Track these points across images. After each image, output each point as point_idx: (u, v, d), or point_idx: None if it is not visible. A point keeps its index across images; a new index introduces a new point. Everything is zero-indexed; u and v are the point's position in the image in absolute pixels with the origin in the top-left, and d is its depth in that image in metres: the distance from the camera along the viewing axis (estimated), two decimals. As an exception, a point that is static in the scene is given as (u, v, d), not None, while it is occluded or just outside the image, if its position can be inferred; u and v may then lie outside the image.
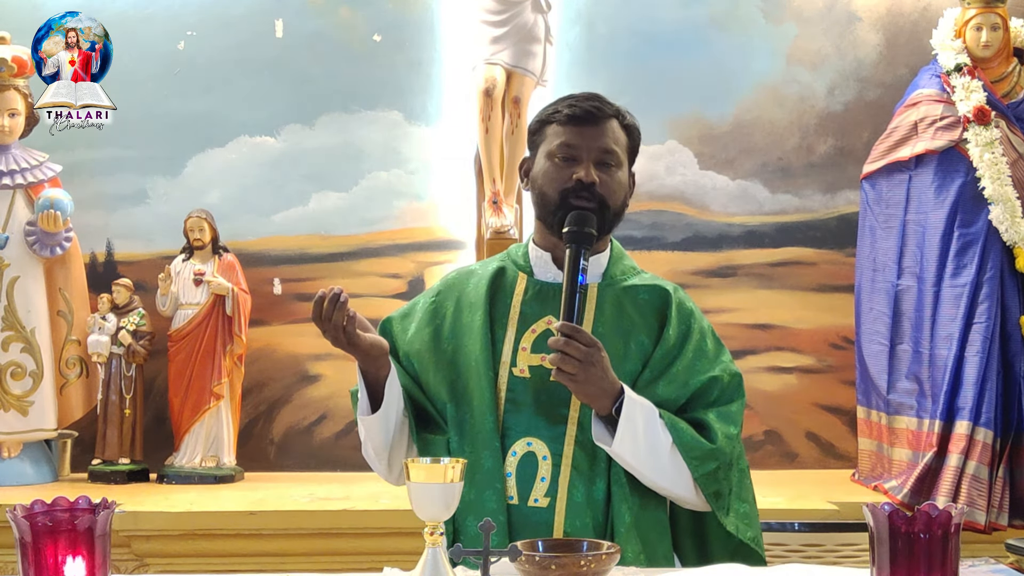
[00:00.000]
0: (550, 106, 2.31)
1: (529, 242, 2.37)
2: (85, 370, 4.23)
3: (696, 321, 2.30)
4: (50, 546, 1.59)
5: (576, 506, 2.14)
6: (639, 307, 2.28)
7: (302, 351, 4.46)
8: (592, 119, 2.23)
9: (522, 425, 2.20)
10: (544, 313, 2.26)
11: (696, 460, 2.16)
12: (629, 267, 2.36)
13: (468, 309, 2.30)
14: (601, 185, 2.21)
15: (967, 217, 3.93)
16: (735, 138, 4.54)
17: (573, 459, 2.16)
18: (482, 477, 2.16)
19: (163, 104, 4.45)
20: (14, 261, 4.11)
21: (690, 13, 4.52)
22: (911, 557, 1.65)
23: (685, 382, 2.23)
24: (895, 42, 4.55)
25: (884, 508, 1.67)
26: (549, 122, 2.27)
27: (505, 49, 4.20)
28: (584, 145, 2.22)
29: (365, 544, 3.61)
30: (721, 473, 2.20)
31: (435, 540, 1.74)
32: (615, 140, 2.25)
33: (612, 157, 2.23)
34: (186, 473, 4.13)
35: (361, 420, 2.26)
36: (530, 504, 2.15)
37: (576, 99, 2.27)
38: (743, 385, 2.31)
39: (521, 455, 2.18)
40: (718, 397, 2.25)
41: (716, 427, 2.20)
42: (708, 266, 4.52)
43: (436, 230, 4.49)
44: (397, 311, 2.43)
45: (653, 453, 2.14)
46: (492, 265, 2.36)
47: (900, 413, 4.02)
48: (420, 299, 2.41)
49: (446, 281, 2.41)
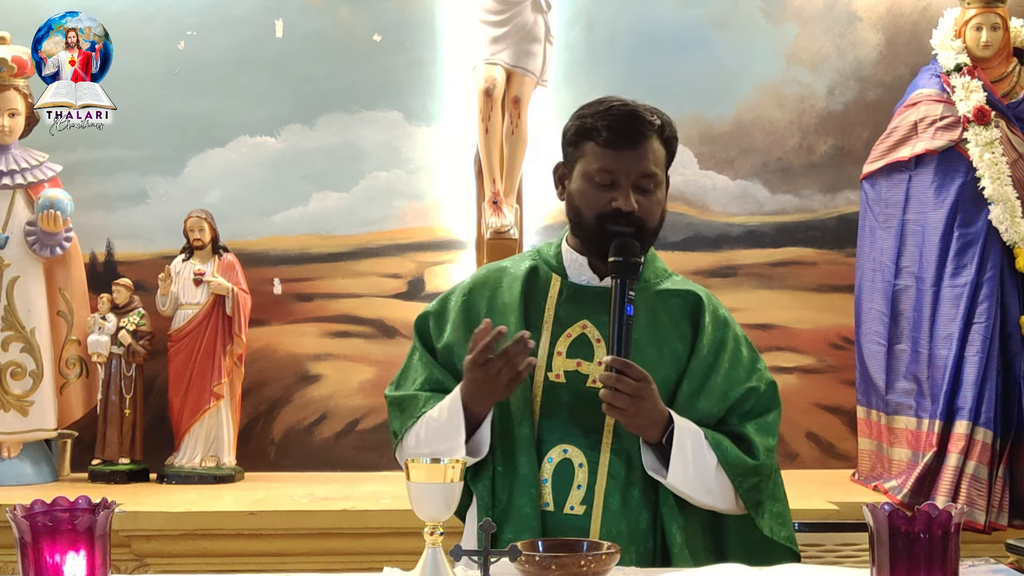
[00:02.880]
0: (588, 115, 2.22)
1: (562, 242, 2.33)
2: (85, 370, 4.23)
3: (730, 329, 2.29)
4: (50, 546, 1.59)
5: (612, 514, 2.13)
6: (671, 312, 2.27)
7: (302, 351, 4.46)
8: (632, 143, 2.17)
9: (558, 431, 2.18)
10: (579, 317, 2.24)
11: (740, 477, 2.17)
12: (661, 270, 2.34)
13: (502, 310, 2.26)
14: (640, 209, 2.17)
15: (967, 217, 3.93)
16: (735, 138, 4.54)
17: (609, 466, 2.15)
18: (519, 483, 2.15)
19: (163, 104, 4.45)
20: (14, 261, 4.11)
21: (690, 13, 4.52)
22: (911, 557, 1.65)
23: (724, 394, 2.23)
24: (895, 42, 4.55)
25: (884, 508, 1.67)
26: (588, 138, 2.21)
27: (505, 49, 4.20)
28: (623, 170, 2.17)
29: (365, 544, 3.61)
30: (762, 484, 2.21)
31: (435, 540, 1.74)
32: (655, 161, 2.20)
33: (651, 180, 2.19)
34: (186, 473, 4.12)
35: (439, 440, 2.18)
36: (566, 511, 2.14)
37: (616, 117, 2.18)
38: (778, 393, 2.31)
39: (557, 462, 2.16)
40: (754, 406, 2.26)
41: (756, 441, 2.21)
42: (708, 266, 4.52)
43: (436, 230, 4.49)
44: (430, 309, 2.37)
45: (701, 475, 2.15)
46: (524, 264, 2.33)
47: (900, 413, 4.02)
48: (451, 298, 2.35)
49: (477, 278, 2.37)
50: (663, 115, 2.24)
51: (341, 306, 4.47)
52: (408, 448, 2.25)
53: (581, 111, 2.26)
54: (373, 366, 4.45)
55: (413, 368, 2.32)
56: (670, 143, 2.25)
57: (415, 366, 2.32)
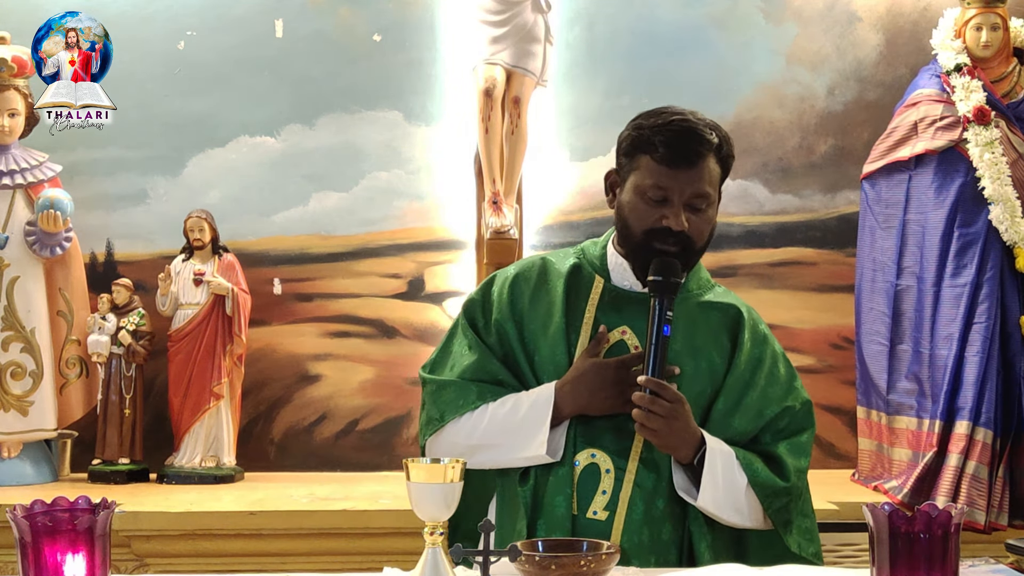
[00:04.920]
0: (647, 127, 2.18)
1: (608, 244, 2.31)
2: (85, 370, 4.23)
3: (769, 345, 2.28)
4: (50, 546, 1.59)
5: (634, 523, 2.12)
6: (712, 325, 2.25)
7: (302, 351, 4.46)
8: (688, 162, 2.14)
9: (588, 435, 2.16)
10: (620, 323, 2.22)
11: (770, 498, 2.16)
12: (705, 280, 2.33)
13: (545, 307, 2.24)
14: (690, 228, 2.15)
15: (967, 217, 3.93)
16: (735, 138, 4.39)
17: (636, 475, 2.14)
18: (555, 482, 2.14)
19: (163, 104, 4.45)
20: (14, 261, 4.11)
21: (690, 13, 4.52)
22: (911, 557, 1.65)
23: (759, 412, 2.22)
24: (895, 42, 4.55)
25: (884, 508, 1.67)
26: (643, 151, 2.17)
27: (505, 49, 4.19)
28: (677, 188, 2.14)
29: (365, 544, 3.61)
30: (791, 505, 2.20)
31: (435, 540, 1.74)
32: (709, 181, 2.17)
33: (704, 200, 2.17)
34: (186, 473, 4.12)
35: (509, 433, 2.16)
36: (588, 516, 2.13)
37: (674, 133, 2.15)
38: (813, 412, 2.29)
39: (584, 465, 2.15)
40: (788, 425, 2.24)
41: (788, 462, 2.19)
42: (708, 266, 4.38)
43: (436, 230, 4.49)
44: (475, 296, 2.33)
45: (731, 497, 2.14)
46: (569, 261, 2.30)
47: (900, 413, 4.02)
48: (495, 287, 2.31)
49: (521, 268, 2.32)
50: (721, 131, 2.21)
51: (341, 306, 4.47)
52: (454, 435, 2.20)
53: (639, 121, 2.21)
54: (373, 366, 4.45)
55: (458, 353, 2.27)
56: (726, 161, 2.23)
57: (461, 352, 2.26)
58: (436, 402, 2.25)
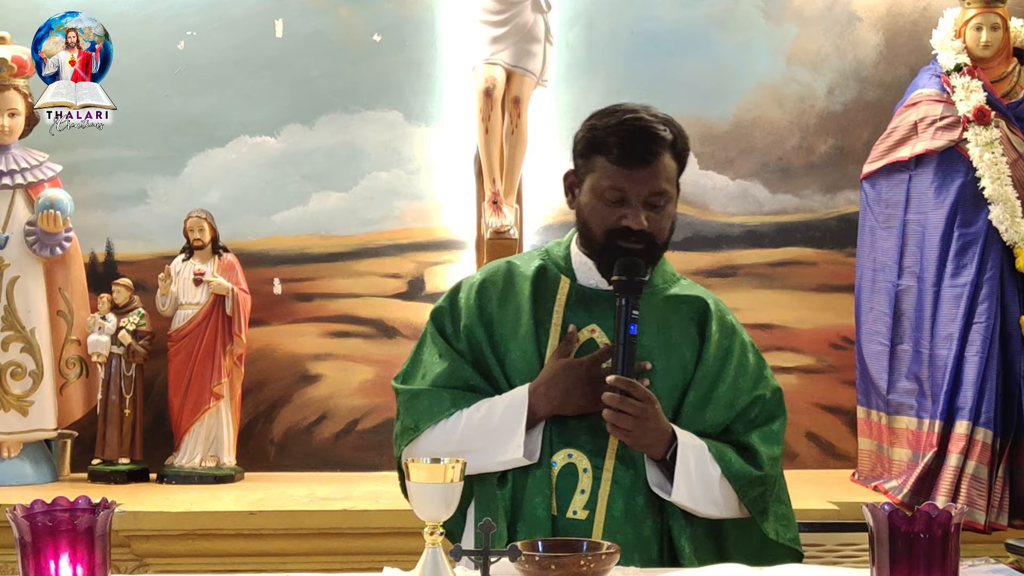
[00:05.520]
0: (600, 127, 2.18)
1: (571, 244, 2.31)
2: (85, 370, 4.23)
3: (738, 336, 2.28)
4: (50, 546, 1.59)
5: (615, 520, 2.13)
6: (680, 318, 2.26)
7: (302, 351, 4.46)
8: (644, 161, 2.14)
9: (564, 436, 2.17)
10: (588, 321, 2.22)
11: (745, 488, 2.17)
12: (670, 274, 2.33)
13: (513, 311, 2.24)
14: (650, 225, 2.15)
15: (967, 217, 3.93)
16: (735, 138, 4.54)
17: (614, 472, 2.14)
18: (533, 484, 2.14)
19: (163, 104, 4.45)
20: (14, 261, 4.11)
21: (690, 13, 4.52)
22: (911, 557, 1.65)
23: (730, 404, 2.22)
24: (895, 42, 4.55)
25: (884, 508, 1.67)
26: (599, 152, 2.17)
27: (505, 49, 4.20)
28: (635, 188, 2.14)
29: (365, 544, 3.61)
30: (767, 494, 2.21)
31: (435, 540, 1.74)
32: (666, 178, 2.16)
33: (662, 197, 2.16)
34: (186, 473, 4.12)
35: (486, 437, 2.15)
36: (568, 516, 2.14)
37: (628, 134, 2.14)
38: (783, 400, 2.29)
39: (561, 466, 2.16)
40: (759, 414, 2.25)
41: (761, 450, 2.20)
42: (708, 266, 4.52)
43: (436, 230, 4.49)
44: (443, 304, 2.32)
45: (706, 489, 2.15)
46: (534, 263, 2.30)
47: (900, 413, 4.02)
48: (461, 293, 2.31)
49: (487, 273, 2.33)
50: (675, 126, 2.19)
51: (341, 306, 4.47)
52: (430, 443, 2.19)
53: (592, 121, 2.21)
54: (373, 366, 4.45)
55: (429, 362, 2.26)
56: (682, 156, 2.21)
57: (432, 360, 2.26)
58: (410, 411, 2.24)
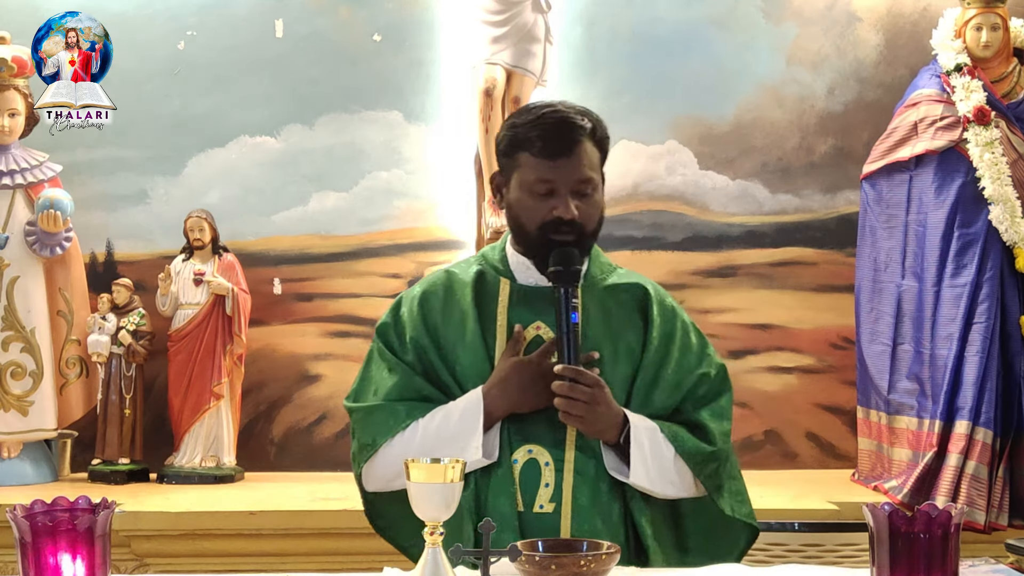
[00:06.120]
0: (520, 125, 2.21)
1: (507, 246, 2.33)
2: (85, 370, 4.23)
3: (678, 317, 2.32)
4: (50, 546, 1.59)
5: (582, 509, 2.15)
6: (623, 306, 2.29)
7: (302, 351, 4.46)
8: (566, 150, 2.17)
9: (522, 432, 2.19)
10: (532, 318, 2.25)
11: (700, 465, 2.21)
12: (606, 264, 2.36)
13: (458, 318, 2.26)
14: (580, 215, 2.18)
15: (967, 217, 3.93)
16: (735, 138, 4.54)
17: (576, 463, 2.17)
18: (495, 483, 2.16)
19: (163, 104, 4.45)
20: (14, 261, 4.11)
21: (690, 13, 4.52)
22: (911, 557, 1.65)
23: (677, 384, 2.26)
24: (895, 42, 4.55)
25: (884, 508, 1.67)
26: (522, 149, 2.20)
27: (505, 49, 4.20)
28: (560, 179, 2.17)
29: (365, 544, 3.58)
30: (720, 469, 2.25)
31: (435, 540, 1.74)
32: (590, 165, 2.19)
33: (589, 185, 2.19)
34: (186, 473, 4.12)
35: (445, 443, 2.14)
36: (535, 511, 2.15)
37: (548, 126, 2.18)
38: (728, 376, 2.34)
39: (523, 462, 2.18)
40: (707, 392, 2.29)
41: (711, 427, 2.24)
42: (708, 266, 4.52)
43: (436, 230, 4.49)
44: (387, 320, 2.33)
45: (661, 470, 2.18)
46: (472, 269, 2.32)
47: (900, 413, 4.02)
48: (403, 307, 2.32)
49: (427, 285, 2.34)
50: (593, 115, 2.24)
51: (341, 306, 4.47)
52: (389, 457, 2.21)
53: (512, 120, 2.25)
54: (373, 366, 4.44)
55: (379, 378, 2.27)
56: (603, 143, 2.25)
57: (381, 376, 2.27)
58: (366, 428, 2.25)
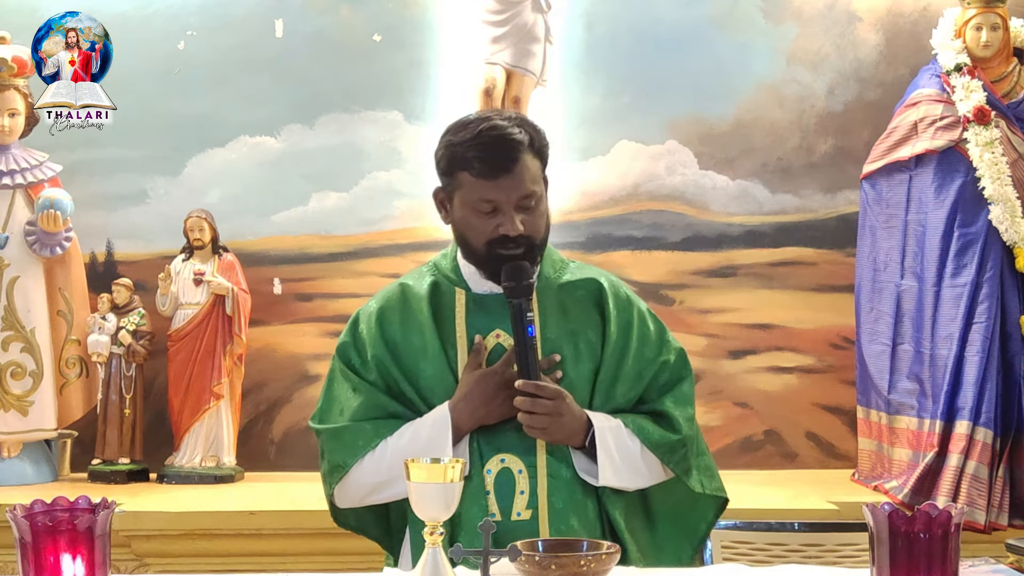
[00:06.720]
0: (457, 143, 2.17)
1: (456, 256, 2.30)
2: (85, 370, 4.23)
3: (634, 306, 2.32)
4: (50, 546, 1.59)
5: (558, 512, 2.16)
6: (579, 303, 2.29)
7: (302, 351, 4.46)
8: (506, 169, 2.14)
9: (492, 442, 2.19)
10: (491, 326, 2.25)
11: (668, 454, 2.23)
12: (558, 261, 2.35)
13: (416, 331, 2.25)
14: (526, 228, 2.16)
15: (967, 217, 3.93)
16: (735, 138, 4.54)
17: (548, 467, 2.18)
18: (468, 493, 2.13)
19: (163, 104, 4.45)
20: (14, 261, 4.11)
21: (690, 13, 4.52)
22: (911, 557, 1.65)
23: (639, 375, 2.27)
24: (895, 42, 4.55)
25: (884, 508, 1.68)
26: (461, 168, 2.17)
27: (505, 49, 4.20)
28: (503, 197, 2.14)
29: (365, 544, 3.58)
30: (689, 453, 2.26)
31: (435, 540, 1.74)
32: (532, 178, 2.17)
33: (532, 198, 2.17)
34: (186, 473, 4.13)
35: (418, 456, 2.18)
36: (513, 519, 2.16)
37: (485, 144, 2.14)
38: (687, 359, 2.34)
39: (497, 471, 2.18)
40: (668, 379, 2.30)
41: (675, 414, 2.26)
42: (708, 266, 4.52)
43: (436, 230, 4.47)
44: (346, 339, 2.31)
45: (630, 466, 2.20)
46: (425, 280, 2.30)
47: (901, 413, 4.02)
48: (361, 325, 2.30)
49: (382, 300, 2.32)
50: (529, 125, 2.21)
51: (341, 306, 4.46)
52: (361, 477, 2.23)
53: (448, 137, 2.22)
54: (373, 366, 4.44)
55: (343, 398, 2.27)
56: (542, 152, 2.22)
57: (346, 396, 2.26)
58: (335, 449, 2.27)
